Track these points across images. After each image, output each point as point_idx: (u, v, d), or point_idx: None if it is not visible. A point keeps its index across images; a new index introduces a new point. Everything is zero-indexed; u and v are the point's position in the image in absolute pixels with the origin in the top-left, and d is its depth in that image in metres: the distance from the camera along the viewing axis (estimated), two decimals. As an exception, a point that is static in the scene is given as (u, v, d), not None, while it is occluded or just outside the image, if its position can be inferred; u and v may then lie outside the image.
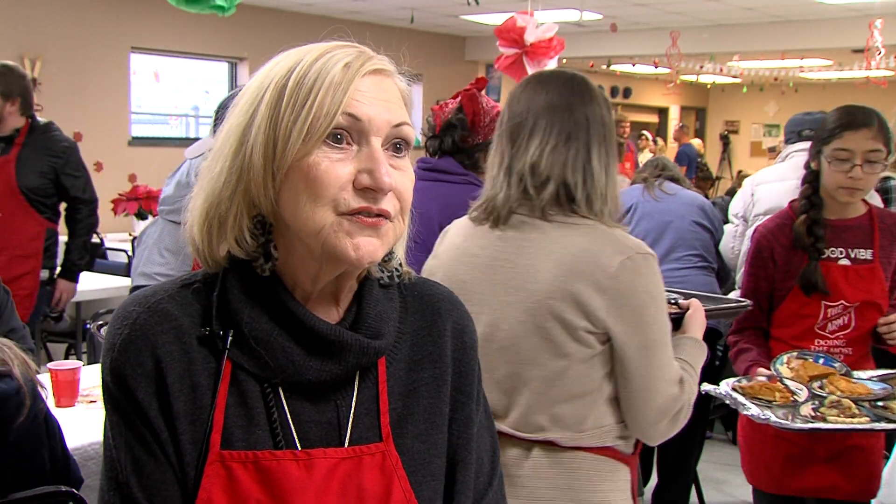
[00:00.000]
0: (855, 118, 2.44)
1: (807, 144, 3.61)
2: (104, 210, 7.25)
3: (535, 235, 1.63)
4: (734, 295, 3.87)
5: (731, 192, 10.58)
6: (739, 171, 14.00)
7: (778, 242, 2.48)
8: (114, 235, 7.03)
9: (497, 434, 1.56)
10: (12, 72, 4.05)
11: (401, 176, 0.98)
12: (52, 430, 1.94)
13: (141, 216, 6.51)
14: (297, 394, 0.99)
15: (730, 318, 2.64)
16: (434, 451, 1.06)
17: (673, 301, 1.84)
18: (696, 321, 1.82)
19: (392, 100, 0.98)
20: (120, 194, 6.69)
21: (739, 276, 3.99)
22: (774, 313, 2.49)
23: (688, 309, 1.83)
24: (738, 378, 2.31)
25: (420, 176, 2.38)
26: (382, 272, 1.06)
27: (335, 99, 0.93)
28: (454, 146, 2.50)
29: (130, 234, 6.84)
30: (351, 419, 1.01)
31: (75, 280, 4.30)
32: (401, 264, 1.08)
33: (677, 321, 1.79)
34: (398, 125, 0.98)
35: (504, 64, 5.03)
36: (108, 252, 6.36)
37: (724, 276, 3.95)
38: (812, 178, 2.46)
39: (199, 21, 7.89)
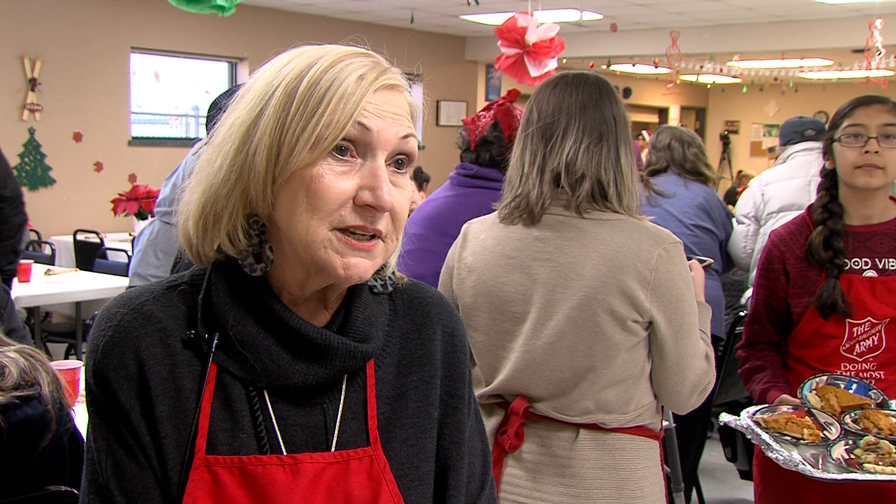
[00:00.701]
0: (866, 97, 2.21)
1: (809, 144, 4.04)
2: (104, 210, 7.29)
3: (574, 234, 1.71)
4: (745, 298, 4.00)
5: (731, 192, 10.59)
6: (739, 172, 14.01)
7: (791, 252, 2.23)
8: (114, 235, 7.03)
9: (544, 419, 1.74)
10: None
11: (399, 194, 0.97)
12: (75, 448, 1.89)
13: (141, 216, 6.51)
14: (283, 398, 0.98)
15: None
16: (422, 455, 1.05)
17: None
18: (698, 284, 1.91)
19: (401, 114, 0.97)
20: (120, 194, 6.69)
21: (752, 277, 4.11)
22: (794, 332, 2.22)
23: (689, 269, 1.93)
24: (760, 408, 2.05)
25: (463, 182, 2.53)
26: (375, 280, 1.06)
27: (347, 109, 0.92)
28: (491, 161, 2.51)
29: (130, 234, 6.84)
30: (338, 423, 1.00)
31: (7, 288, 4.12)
32: (393, 273, 1.08)
33: None
34: (405, 137, 0.96)
35: (505, 64, 5.02)
36: (108, 252, 6.36)
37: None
38: (829, 184, 2.22)
39: (199, 21, 7.89)
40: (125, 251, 6.11)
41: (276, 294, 0.98)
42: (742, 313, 3.94)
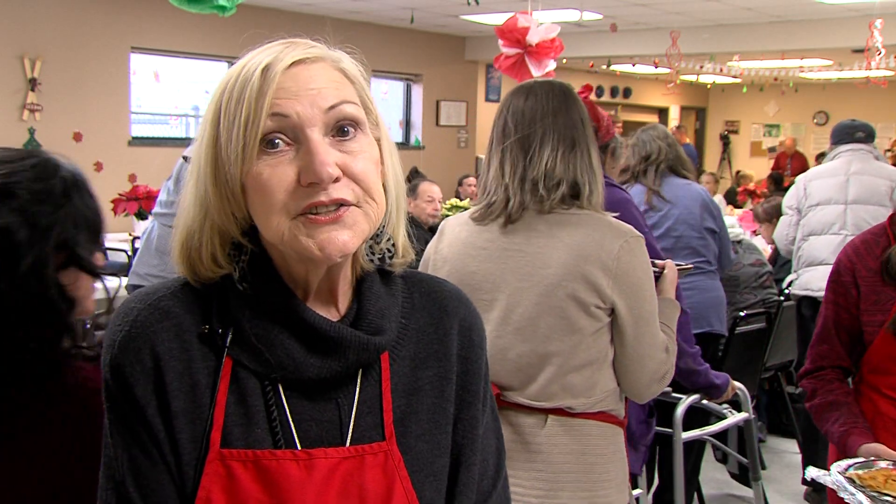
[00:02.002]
0: None
1: (856, 146, 4.37)
2: (105, 210, 7.23)
3: (543, 227, 1.84)
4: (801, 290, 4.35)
5: (731, 193, 10.60)
6: (738, 172, 14.01)
7: (864, 264, 2.01)
8: (114, 235, 7.02)
9: (514, 406, 1.80)
10: None
11: (355, 159, 0.95)
12: None
13: (141, 216, 6.51)
14: (297, 392, 0.98)
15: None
16: (437, 450, 1.05)
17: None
18: (670, 280, 2.06)
19: (320, 85, 0.95)
20: (120, 194, 6.69)
21: (793, 264, 4.56)
22: (866, 354, 2.00)
23: (662, 269, 2.07)
24: (852, 463, 1.80)
25: None
26: (372, 255, 1.04)
27: (258, 106, 0.92)
28: None
29: (130, 234, 6.84)
30: (353, 418, 1.00)
31: None
32: (393, 245, 1.05)
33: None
34: (332, 107, 0.95)
35: (505, 64, 5.02)
36: (108, 252, 6.36)
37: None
38: None
39: (199, 21, 7.88)
40: (125, 251, 6.11)
41: (290, 289, 0.99)
42: (742, 313, 3.97)
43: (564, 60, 9.72)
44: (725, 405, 3.09)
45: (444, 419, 1.06)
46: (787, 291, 4.59)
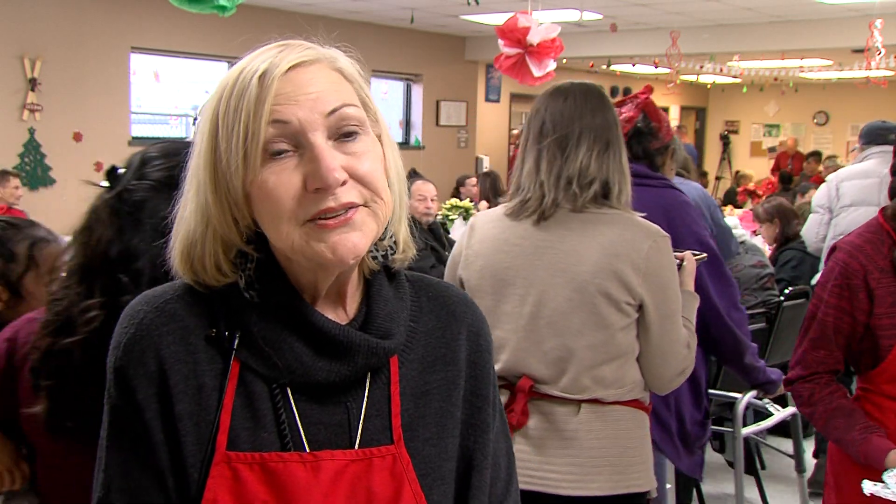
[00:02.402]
0: None
1: (886, 147, 4.42)
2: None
3: (575, 225, 1.91)
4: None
5: (731, 193, 10.59)
6: (737, 172, 14.01)
7: (874, 265, 1.90)
8: (114, 235, 7.03)
9: (547, 396, 1.92)
10: None
11: (361, 160, 0.94)
12: None
13: (141, 216, 6.50)
14: (306, 395, 0.98)
15: None
16: (444, 454, 1.04)
17: None
18: (689, 272, 2.11)
19: (320, 88, 0.94)
20: (120, 194, 6.69)
21: (822, 263, 4.49)
22: (884, 363, 1.89)
23: (682, 261, 2.11)
24: None
25: None
26: (376, 252, 1.03)
27: (257, 114, 0.91)
28: (644, 152, 2.64)
29: (130, 234, 6.84)
30: (361, 421, 0.99)
31: None
32: (395, 242, 1.05)
33: None
34: (333, 111, 0.94)
35: (506, 65, 5.02)
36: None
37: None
38: None
39: (199, 21, 7.88)
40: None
41: (299, 292, 0.99)
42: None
43: (564, 60, 9.71)
44: (769, 401, 3.18)
45: (451, 423, 1.06)
46: (812, 283, 4.66)
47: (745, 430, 3.12)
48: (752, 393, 2.96)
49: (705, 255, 2.32)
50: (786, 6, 8.67)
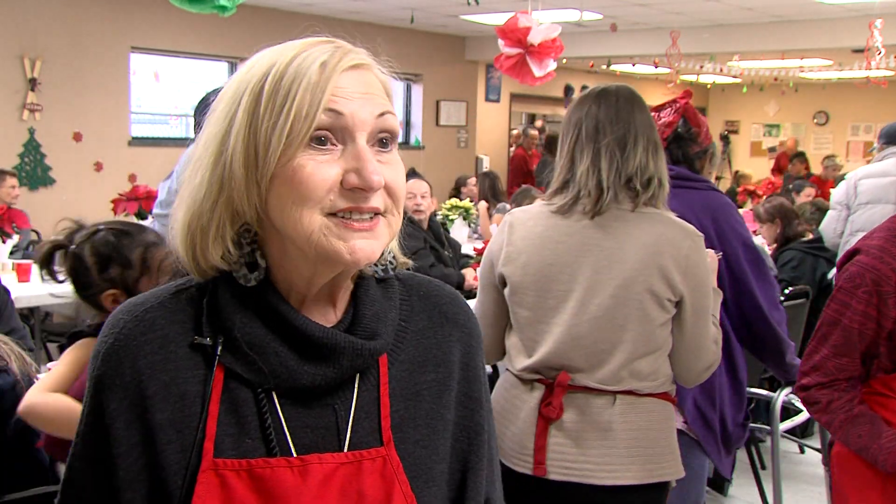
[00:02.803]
0: None
1: None
2: (104, 210, 7.28)
3: (618, 225, 1.99)
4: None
5: (731, 193, 10.58)
6: (736, 172, 14.00)
7: None
8: (114, 235, 7.02)
9: (583, 389, 1.99)
10: None
11: (390, 170, 0.95)
12: None
13: (141, 216, 6.50)
14: (292, 399, 0.97)
15: None
16: (436, 456, 1.04)
17: None
18: (713, 270, 2.17)
19: (374, 92, 0.96)
20: (120, 194, 6.68)
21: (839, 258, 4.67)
22: None
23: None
24: None
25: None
26: (376, 265, 1.04)
27: (314, 99, 0.91)
28: (684, 156, 2.70)
29: (130, 234, 6.83)
30: (350, 423, 0.99)
31: None
32: (394, 257, 1.06)
33: None
34: (382, 114, 0.95)
35: (506, 65, 5.02)
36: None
37: None
38: None
39: (199, 21, 7.89)
40: (125, 251, 6.09)
41: (283, 296, 0.98)
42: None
43: (564, 60, 9.71)
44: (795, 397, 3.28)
45: (441, 425, 1.05)
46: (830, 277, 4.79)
47: (782, 427, 3.17)
48: (787, 390, 3.02)
49: (720, 253, 2.39)
50: (786, 6, 8.67)
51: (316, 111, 0.91)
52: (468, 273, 4.95)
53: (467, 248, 5.96)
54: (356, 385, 1.00)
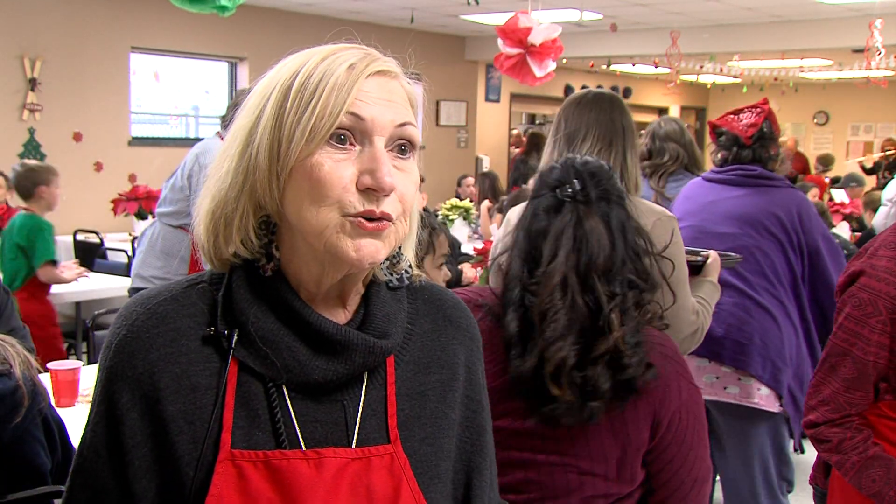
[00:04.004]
0: None
1: None
2: (104, 210, 7.29)
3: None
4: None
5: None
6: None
7: None
8: (114, 235, 7.03)
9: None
10: None
11: (403, 178, 0.98)
12: (52, 431, 1.93)
13: (141, 216, 6.51)
14: (302, 394, 0.99)
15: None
16: (440, 454, 1.06)
17: (694, 251, 2.49)
18: (714, 268, 2.41)
19: (396, 101, 0.99)
20: (120, 194, 6.69)
21: None
22: None
23: (707, 258, 2.41)
24: None
25: (748, 183, 2.97)
26: (391, 275, 1.07)
27: (339, 99, 0.94)
28: (764, 156, 2.93)
29: (130, 234, 6.84)
30: (358, 420, 1.01)
31: None
32: (410, 266, 1.08)
33: (698, 268, 2.38)
34: (402, 125, 0.98)
35: (506, 65, 5.02)
36: (108, 252, 6.36)
37: None
38: None
39: (199, 21, 7.89)
40: (125, 251, 6.11)
41: (295, 291, 0.99)
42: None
43: (564, 60, 9.71)
44: None
45: (446, 423, 1.07)
46: None
47: None
48: None
49: (740, 256, 2.67)
50: (786, 6, 8.67)
51: (339, 111, 0.94)
52: (465, 267, 4.96)
53: (467, 248, 5.97)
54: (364, 383, 1.02)
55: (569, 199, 1.57)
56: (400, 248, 1.06)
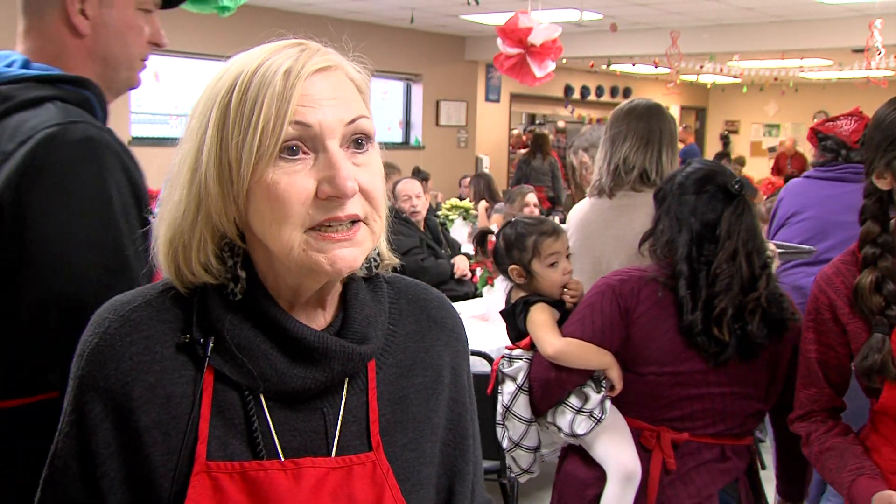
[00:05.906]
0: None
1: None
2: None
3: (626, 202, 2.51)
4: None
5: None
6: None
7: (841, 297, 1.78)
8: (114, 235, 7.01)
9: None
10: None
11: (366, 173, 0.93)
12: None
13: (141, 216, 6.50)
14: (280, 403, 0.96)
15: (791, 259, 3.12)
16: (423, 459, 1.03)
17: (794, 247, 2.97)
18: None
19: (343, 95, 0.93)
20: (120, 194, 6.68)
21: None
22: (878, 405, 1.73)
23: (812, 252, 2.94)
24: None
25: (861, 180, 2.97)
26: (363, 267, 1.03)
27: (280, 111, 0.89)
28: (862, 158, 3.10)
29: (130, 234, 6.83)
30: (339, 427, 0.98)
31: None
32: (379, 254, 1.04)
33: None
34: (353, 121, 0.93)
35: (506, 65, 5.02)
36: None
37: None
38: (877, 210, 1.77)
39: (199, 21, 7.88)
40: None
41: (273, 298, 0.96)
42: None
43: (564, 60, 9.72)
44: None
45: (429, 428, 1.05)
46: None
47: None
48: None
49: (814, 249, 2.93)
50: (786, 6, 8.67)
51: (283, 124, 0.88)
52: (459, 260, 4.94)
53: (467, 248, 5.96)
54: (345, 389, 0.99)
55: (737, 193, 1.96)
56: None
